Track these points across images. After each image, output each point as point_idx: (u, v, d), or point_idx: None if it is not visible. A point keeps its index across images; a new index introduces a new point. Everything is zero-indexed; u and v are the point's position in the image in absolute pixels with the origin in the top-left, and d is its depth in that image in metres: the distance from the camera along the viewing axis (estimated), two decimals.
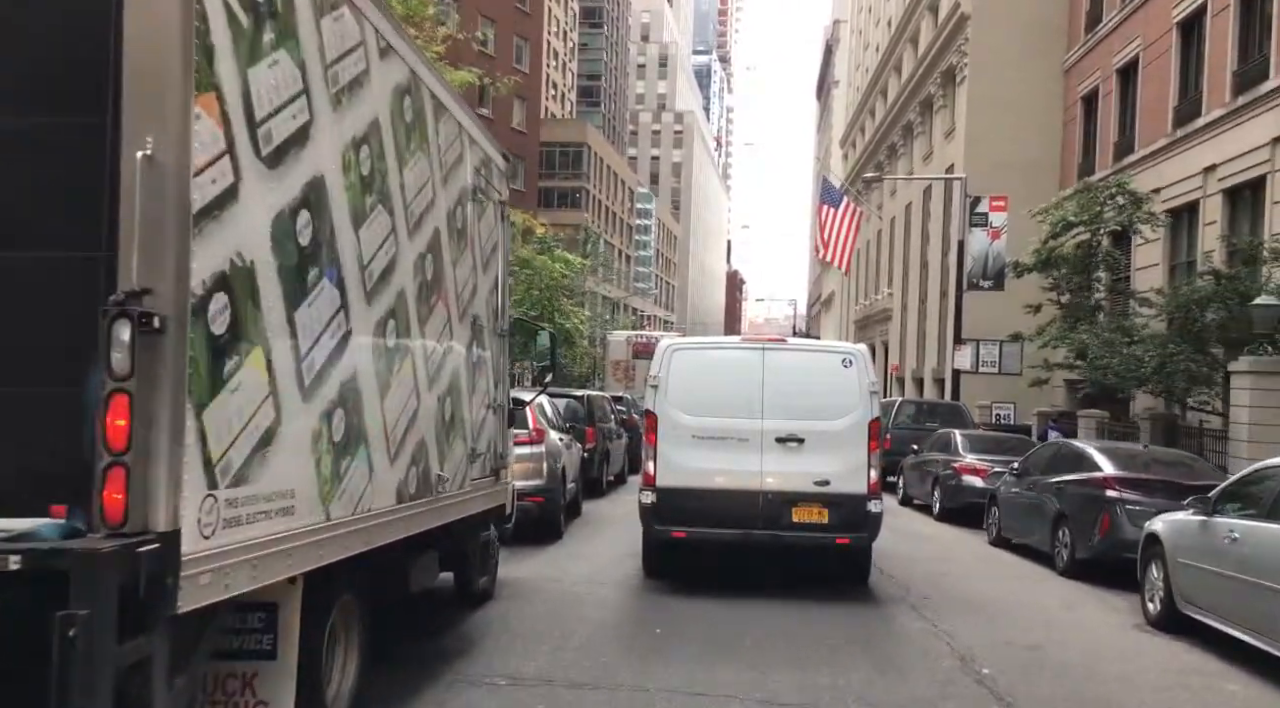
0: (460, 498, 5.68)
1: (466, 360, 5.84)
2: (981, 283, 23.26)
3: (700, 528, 7.94)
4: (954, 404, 19.66)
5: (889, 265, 45.17)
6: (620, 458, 17.94)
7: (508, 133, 54.49)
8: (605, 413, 17.26)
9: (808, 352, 8.99)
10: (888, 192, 46.34)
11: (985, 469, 13.64)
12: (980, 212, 23.32)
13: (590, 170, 71.53)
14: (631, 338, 29.67)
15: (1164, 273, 22.10)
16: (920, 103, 37.76)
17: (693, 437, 8.00)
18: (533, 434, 10.38)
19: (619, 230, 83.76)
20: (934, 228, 35.48)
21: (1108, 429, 19.97)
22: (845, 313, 60.46)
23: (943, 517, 14.31)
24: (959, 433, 15.08)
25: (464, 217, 5.73)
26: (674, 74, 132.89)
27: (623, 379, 29.48)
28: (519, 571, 8.82)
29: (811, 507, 7.83)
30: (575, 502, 12.84)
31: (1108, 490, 9.21)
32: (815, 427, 7.93)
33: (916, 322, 38.01)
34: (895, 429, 18.79)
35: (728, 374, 8.25)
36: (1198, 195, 20.56)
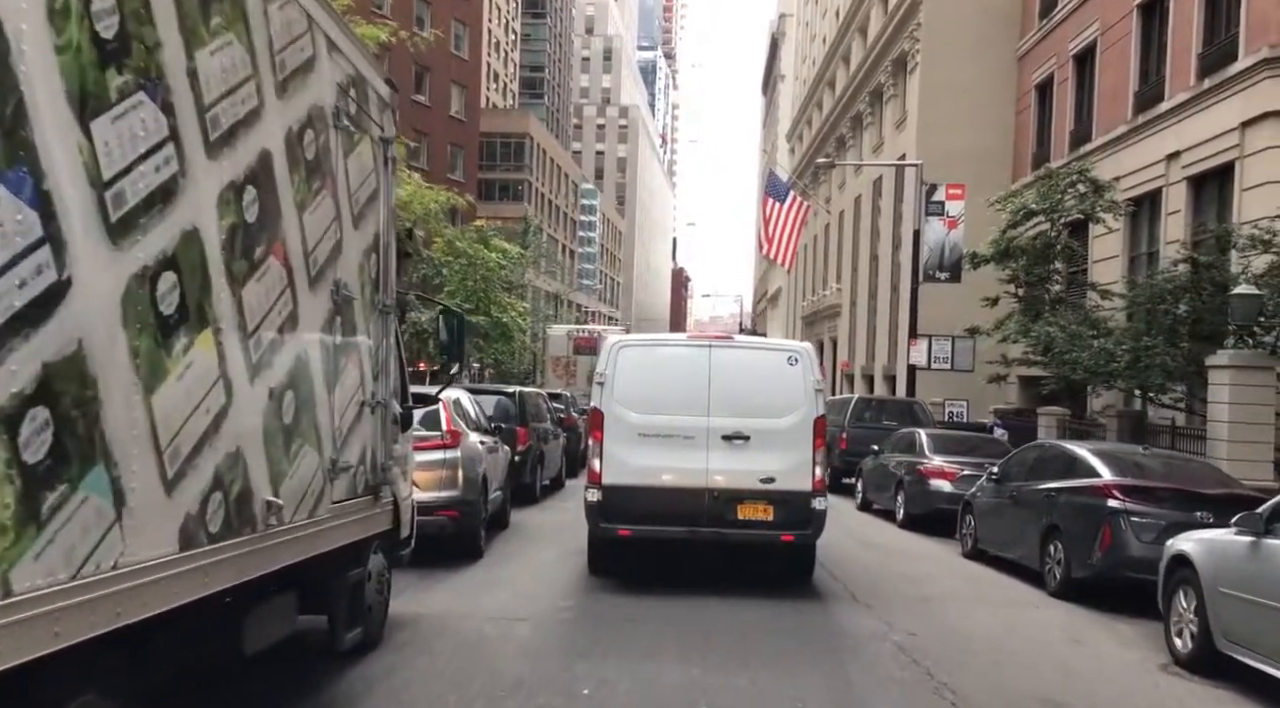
0: (311, 530, 4.14)
1: (324, 343, 4.30)
2: (938, 274, 22.27)
3: (646, 526, 7.87)
4: (913, 402, 18.56)
5: (837, 260, 44.34)
6: (557, 460, 16.43)
7: (446, 121, 52.45)
8: (540, 411, 15.73)
9: (754, 349, 8.95)
10: (836, 185, 45.54)
11: (954, 472, 12.46)
12: (937, 200, 22.33)
13: (533, 162, 69.68)
14: (573, 332, 28.16)
15: (1123, 265, 21.33)
16: (870, 93, 36.90)
17: (639, 434, 7.92)
18: (445, 437, 8.84)
19: (563, 225, 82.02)
20: (884, 221, 34.63)
21: (1068, 428, 19.08)
22: (792, 309, 59.68)
23: (907, 524, 13.11)
24: (924, 433, 13.88)
25: (320, 147, 4.20)
26: (619, 68, 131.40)
27: (563, 376, 27.97)
28: (423, 603, 7.28)
29: (757, 504, 7.82)
30: (502, 512, 11.32)
31: (1109, 500, 7.99)
32: (761, 424, 7.89)
33: (866, 318, 37.15)
34: (852, 428, 17.59)
35: (674, 372, 8.16)
36: (1160, 184, 19.78)
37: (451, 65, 53.46)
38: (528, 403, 14.49)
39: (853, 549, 11.21)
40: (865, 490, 15.24)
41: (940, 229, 22.28)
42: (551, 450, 15.81)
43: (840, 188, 44.37)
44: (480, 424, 10.77)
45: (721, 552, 8.52)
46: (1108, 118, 22.29)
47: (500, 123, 67.79)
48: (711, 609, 7.25)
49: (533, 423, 14.41)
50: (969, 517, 10.71)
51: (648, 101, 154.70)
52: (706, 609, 7.18)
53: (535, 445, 14.26)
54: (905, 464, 13.35)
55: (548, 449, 15.31)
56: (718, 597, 7.67)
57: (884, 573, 9.53)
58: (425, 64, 50.85)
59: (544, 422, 15.58)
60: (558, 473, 16.55)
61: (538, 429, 14.70)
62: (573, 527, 11.87)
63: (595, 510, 7.94)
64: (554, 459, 16.06)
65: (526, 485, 13.89)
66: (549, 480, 16.02)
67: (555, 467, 16.28)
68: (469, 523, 9.00)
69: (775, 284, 70.98)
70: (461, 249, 26.89)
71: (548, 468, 15.40)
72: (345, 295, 4.55)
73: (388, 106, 5.31)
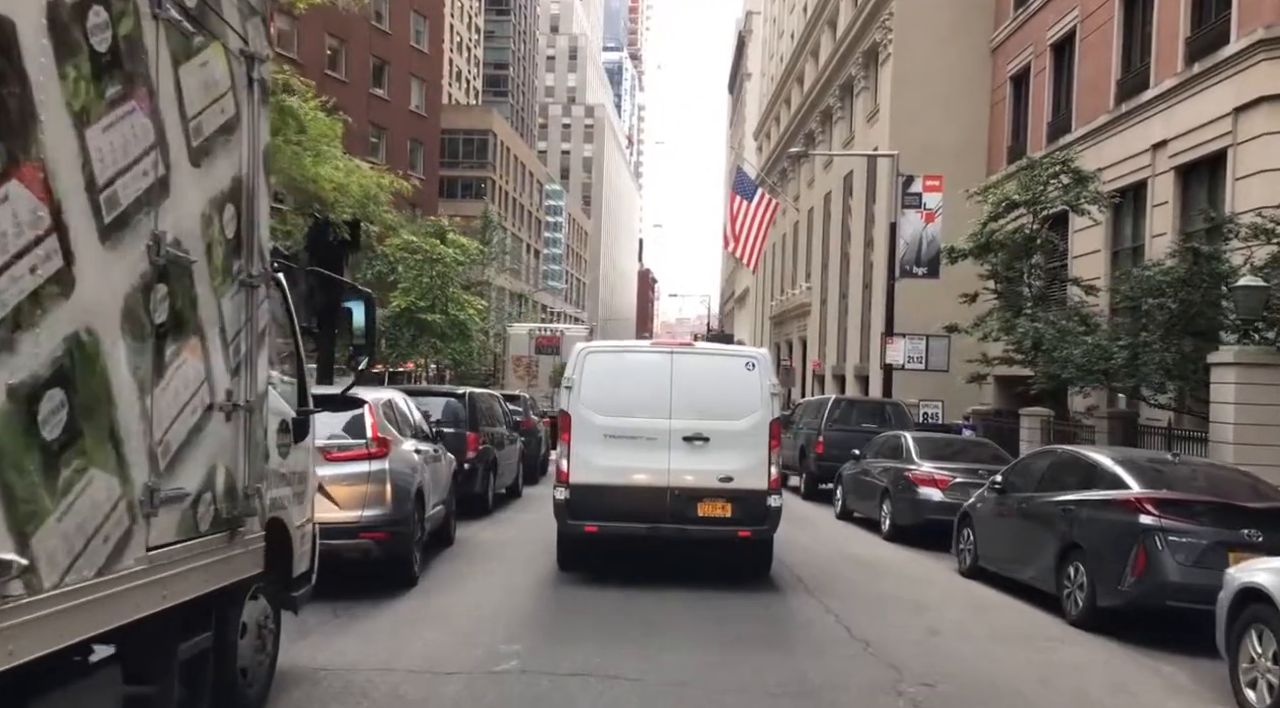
0: (102, 592, 2.84)
1: (132, 319, 3.01)
2: (915, 270, 21.28)
3: (612, 522, 8.20)
4: (894, 403, 17.49)
5: (806, 259, 43.43)
6: (513, 468, 15.12)
7: (405, 115, 50.84)
8: (494, 414, 14.42)
9: (713, 355, 9.23)
10: (805, 182, 44.65)
11: (945, 480, 11.37)
12: (913, 192, 21.35)
13: (496, 160, 68.12)
14: (534, 331, 26.82)
15: (1105, 260, 20.49)
16: (840, 86, 35.99)
17: (605, 436, 8.23)
18: (371, 446, 7.52)
19: (528, 224, 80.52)
20: (855, 218, 33.70)
21: (1054, 430, 18.14)
22: (760, 309, 58.76)
23: (894, 535, 12.00)
24: (910, 436, 12.77)
25: (120, 37, 2.90)
26: (584, 67, 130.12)
27: (524, 376, 26.64)
28: (332, 649, 5.97)
29: (716, 502, 8.14)
30: (445, 528, 10.03)
31: (1141, 515, 6.90)
32: (720, 426, 8.23)
33: (837, 317, 36.22)
34: (830, 431, 16.49)
35: (638, 376, 8.47)
36: (1145, 174, 18.93)
37: (411, 59, 51.85)
38: (479, 405, 13.18)
39: (839, 566, 10.09)
40: (846, 498, 14.13)
41: (917, 222, 21.29)
42: (507, 457, 14.52)
43: (809, 185, 43.48)
44: (420, 430, 9.45)
45: (696, 597, 7.80)
46: (1088, 108, 21.46)
47: (463, 119, 66.19)
48: (691, 670, 5.86)
49: (484, 427, 13.11)
50: (967, 530, 9.60)
51: (614, 102, 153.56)
52: (684, 671, 5.82)
53: (487, 452, 12.95)
54: (891, 471, 12.24)
55: (502, 455, 14.02)
56: (698, 655, 6.32)
57: (878, 598, 8.38)
58: (383, 57, 49.25)
59: (498, 426, 14.27)
60: (514, 481, 15.26)
61: (490, 434, 13.40)
62: (527, 543, 10.61)
63: (563, 508, 8.25)
64: (509, 466, 14.76)
65: (477, 496, 12.60)
66: (504, 489, 14.74)
67: (511, 474, 14.98)
68: (399, 546, 7.69)
69: (743, 284, 70.09)
70: (416, 244, 25.49)
71: (502, 476, 14.11)
72: (175, 257, 3.25)
73: (255, 13, 4.00)
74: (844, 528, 13.58)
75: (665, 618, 7.15)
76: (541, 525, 12.33)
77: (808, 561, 10.10)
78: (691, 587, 8.12)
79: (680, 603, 7.54)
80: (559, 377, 27.00)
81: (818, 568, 9.73)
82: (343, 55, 46.42)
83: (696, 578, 8.37)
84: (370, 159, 23.05)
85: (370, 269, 27.27)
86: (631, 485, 8.15)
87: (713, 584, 8.05)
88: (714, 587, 7.98)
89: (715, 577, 7.98)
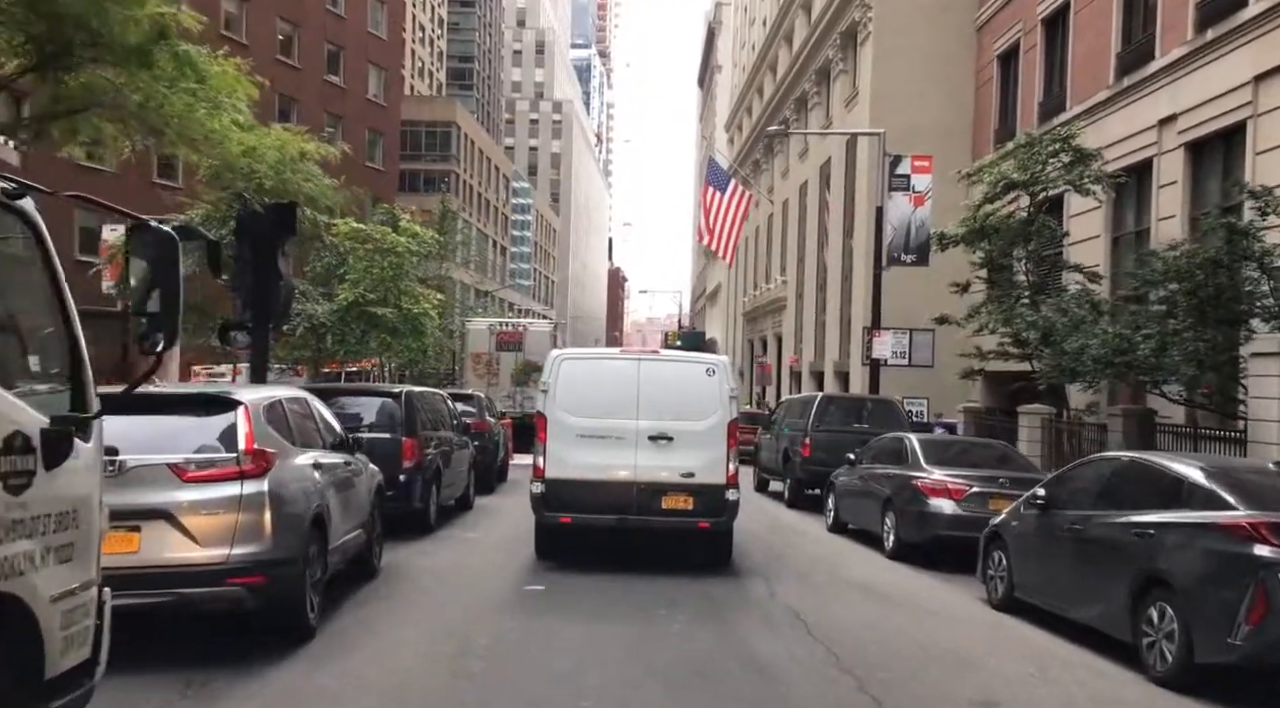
0: None
1: None
2: (904, 257, 19.76)
3: (583, 514, 8.82)
4: (886, 401, 15.84)
5: (782, 252, 41.95)
6: (463, 477, 13.29)
7: (362, 104, 48.64)
8: (439, 417, 12.59)
9: (677, 362, 9.73)
10: (779, 173, 43.17)
11: (960, 489, 9.74)
12: (901, 174, 19.82)
13: (460, 153, 66.00)
14: (494, 327, 24.93)
15: (1105, 246, 19.11)
16: (816, 71, 34.49)
17: (577, 435, 8.86)
18: (244, 462, 5.70)
19: (494, 220, 78.43)
20: (835, 207, 32.18)
21: (1056, 429, 16.66)
22: (733, 306, 57.23)
23: (899, 553, 10.35)
24: (915, 438, 11.08)
25: None
26: (551, 62, 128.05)
27: (485, 374, 24.79)
28: None
29: (679, 496, 8.74)
30: (363, 557, 8.21)
31: (1256, 546, 5.30)
32: (682, 427, 8.86)
33: (814, 312, 34.73)
34: (817, 432, 14.85)
35: (608, 381, 9.05)
36: (1151, 152, 17.55)
37: (368, 45, 49.63)
38: (419, 406, 11.35)
39: (842, 596, 8.41)
40: (839, 509, 12.46)
41: (905, 206, 19.76)
42: (455, 464, 12.72)
43: (784, 176, 41.99)
44: (329, 438, 7.62)
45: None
46: (1085, 85, 20.08)
47: (425, 111, 64.04)
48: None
49: (426, 431, 11.28)
50: (998, 554, 7.95)
51: (582, 99, 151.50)
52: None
53: (430, 461, 11.13)
54: (894, 478, 10.59)
55: (450, 464, 12.20)
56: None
57: (902, 645, 6.66)
58: (339, 43, 47.00)
59: (443, 429, 12.45)
60: (464, 492, 13.44)
61: (434, 439, 11.57)
62: (471, 571, 8.89)
63: (540, 501, 8.94)
64: (458, 475, 12.94)
65: (417, 512, 10.80)
66: (453, 501, 12.93)
67: (461, 484, 13.17)
68: (285, 591, 5.87)
69: (715, 280, 68.59)
70: (365, 232, 23.47)
71: (450, 486, 12.29)
72: None
73: None
74: (838, 544, 11.92)
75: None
76: (493, 545, 10.55)
77: (803, 590, 8.46)
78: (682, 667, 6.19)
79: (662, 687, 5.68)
80: (522, 375, 25.23)
81: (817, 600, 8.07)
82: (295, 40, 44.14)
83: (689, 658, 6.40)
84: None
85: (319, 261, 25.24)
86: (602, 480, 8.76)
87: (705, 658, 6.21)
88: (707, 662, 6.13)
89: (706, 655, 6.16)
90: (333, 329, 22.43)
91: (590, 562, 9.22)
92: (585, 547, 9.42)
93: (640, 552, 9.50)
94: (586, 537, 9.19)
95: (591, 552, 9.40)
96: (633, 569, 8.99)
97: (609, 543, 9.48)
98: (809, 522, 13.92)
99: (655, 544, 9.49)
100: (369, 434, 10.12)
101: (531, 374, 24.90)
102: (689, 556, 9.28)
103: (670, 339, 61.22)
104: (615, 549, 9.52)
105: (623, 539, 9.27)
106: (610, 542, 9.44)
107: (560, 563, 9.27)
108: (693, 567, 9.12)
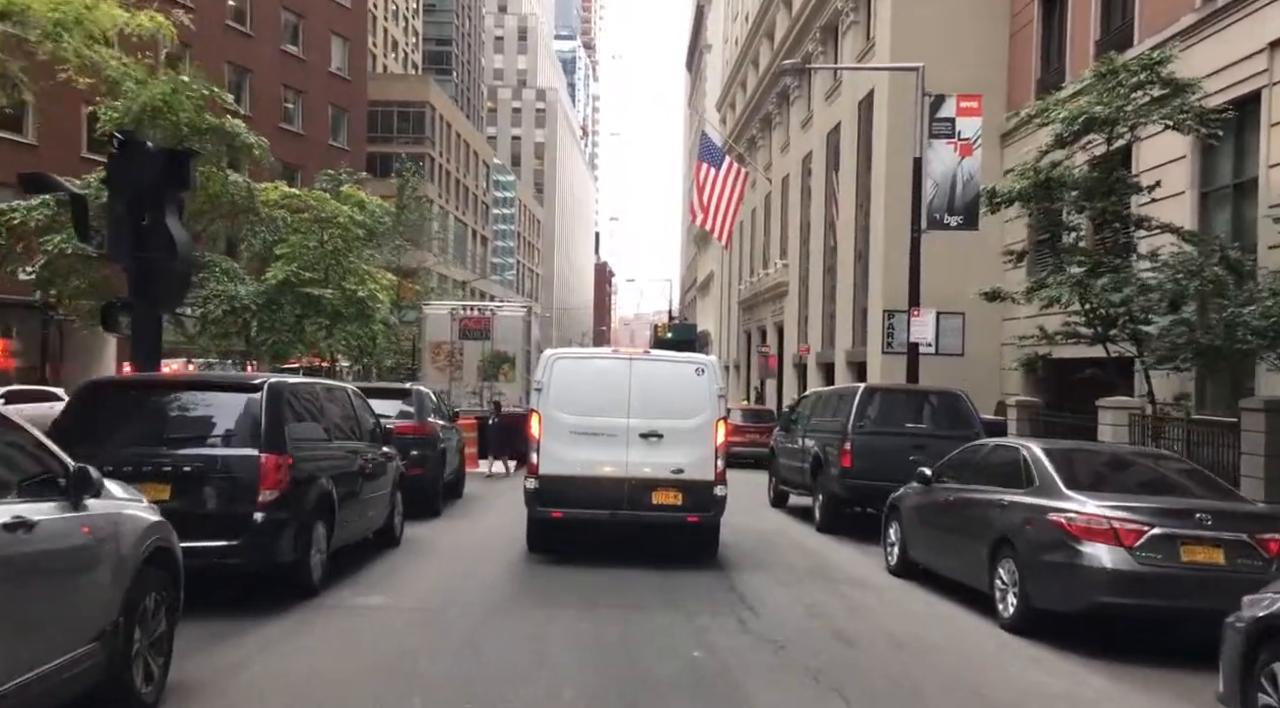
0: None
1: None
2: (947, 219, 16.26)
3: (575, 509, 9.00)
4: (953, 394, 11.98)
5: (782, 234, 38.43)
6: (383, 504, 9.60)
7: (324, 78, 44.80)
8: (339, 422, 8.89)
9: (667, 362, 9.79)
10: (777, 149, 39.63)
11: (1134, 530, 6.17)
12: (944, 117, 16.32)
13: (435, 135, 62.17)
14: (457, 311, 21.23)
15: (1191, 202, 15.69)
16: (821, 28, 30.95)
17: (570, 433, 9.05)
18: None
19: (473, 208, 74.66)
20: (846, 176, 28.66)
21: (1151, 426, 13.13)
22: (727, 295, 53.68)
23: (1027, 625, 6.74)
24: (1038, 448, 7.27)
25: None
26: (534, 49, 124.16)
27: (446, 368, 21.14)
28: None
29: (668, 491, 8.96)
30: (113, 669, 4.48)
31: None
32: (672, 424, 9.06)
33: (821, 297, 31.25)
34: (862, 435, 11.30)
35: (601, 380, 9.23)
36: (1257, 84, 14.13)
37: (331, 13, 45.74)
38: (297, 407, 7.66)
39: None
40: (910, 544, 8.79)
41: (949, 157, 16.25)
42: (371, 490, 9.06)
43: (783, 150, 38.46)
44: (36, 479, 3.97)
45: None
46: (1161, 10, 16.65)
47: (397, 89, 60.18)
48: None
49: (309, 442, 7.63)
50: (1262, 652, 4.38)
51: (567, 90, 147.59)
52: None
53: (311, 488, 7.46)
54: (1012, 509, 6.97)
55: (354, 490, 8.52)
56: None
57: None
58: (298, 10, 43.10)
59: (349, 438, 8.78)
60: (385, 524, 9.77)
61: (321, 457, 7.88)
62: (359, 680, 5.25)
63: (533, 496, 9.09)
64: (374, 503, 9.27)
65: (288, 568, 7.14)
66: (369, 535, 9.30)
67: (378, 519, 9.50)
68: None
69: (707, 269, 65.02)
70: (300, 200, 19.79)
71: (351, 524, 8.53)
72: None
73: None
74: (914, 598, 8.27)
75: None
76: (407, 621, 6.88)
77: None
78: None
79: None
80: (490, 367, 21.48)
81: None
82: (249, 5, 40.20)
83: None
84: (284, 127, 17.35)
85: (255, 237, 21.54)
86: (594, 476, 8.92)
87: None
88: None
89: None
90: (259, 313, 18.74)
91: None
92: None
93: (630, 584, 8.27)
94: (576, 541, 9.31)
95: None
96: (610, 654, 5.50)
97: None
98: (856, 556, 10.39)
99: (645, 549, 9.37)
100: (200, 451, 6.55)
101: (502, 366, 21.22)
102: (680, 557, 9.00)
103: (660, 333, 57.71)
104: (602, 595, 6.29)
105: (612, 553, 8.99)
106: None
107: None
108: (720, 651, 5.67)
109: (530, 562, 9.32)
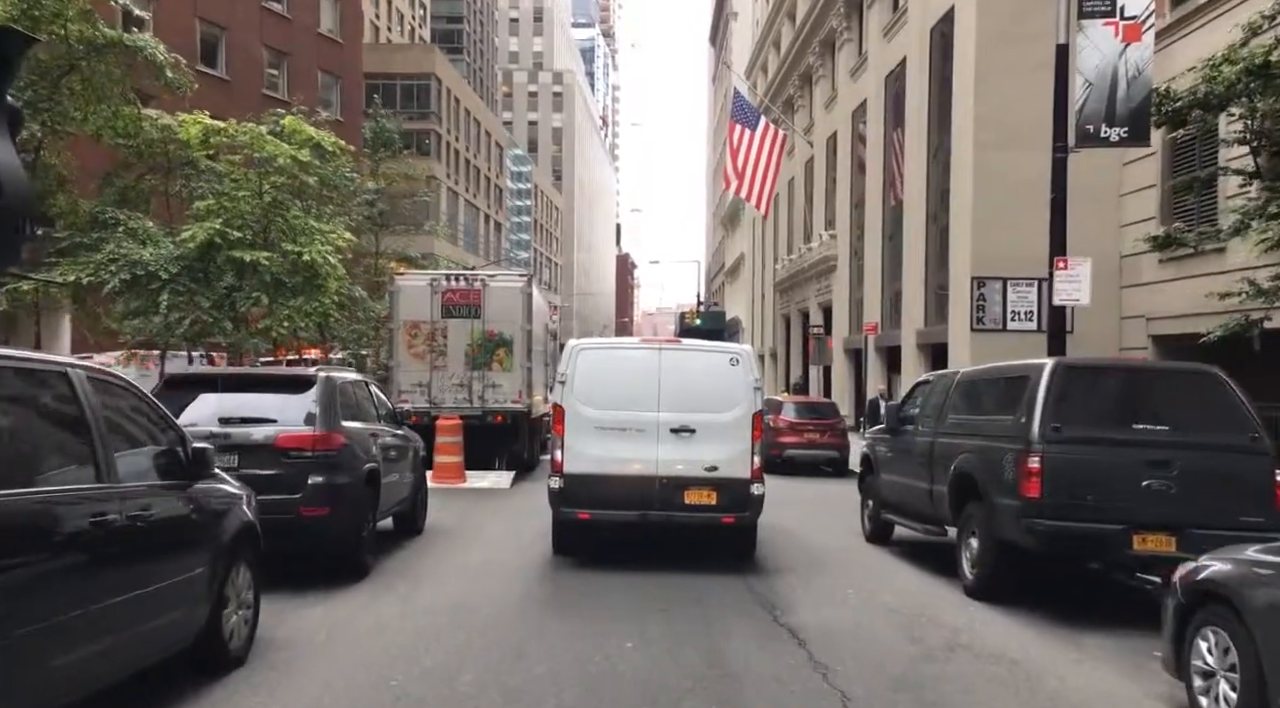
0: None
1: None
2: (1109, 133, 11.58)
3: (603, 510, 8.59)
4: (1208, 374, 6.96)
5: (827, 202, 33.66)
6: (187, 599, 4.96)
7: (313, 39, 40.48)
8: (128, 433, 4.26)
9: (700, 352, 9.36)
10: (821, 106, 34.85)
11: None
12: None
13: (442, 110, 57.77)
14: (438, 282, 16.64)
15: None
16: None
17: (596, 428, 8.64)
18: None
19: (485, 191, 70.30)
20: (914, 123, 23.86)
21: None
22: (760, 277, 48.89)
23: None
24: None
25: None
26: (551, 31, 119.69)
27: (425, 354, 16.64)
28: None
29: (702, 490, 8.51)
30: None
31: None
32: (705, 419, 8.60)
33: (879, 270, 26.54)
34: (1058, 443, 6.55)
35: (628, 372, 8.87)
36: None
37: None
38: None
39: None
40: (1262, 670, 4.12)
41: (1108, 44, 11.55)
42: None
43: (829, 107, 33.68)
44: None
45: None
46: None
47: (398, 60, 55.86)
48: None
49: None
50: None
51: (586, 77, 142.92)
52: None
53: None
54: None
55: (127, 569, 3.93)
56: None
57: None
58: None
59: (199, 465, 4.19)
60: (205, 626, 5.11)
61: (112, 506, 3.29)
62: None
63: (557, 496, 8.63)
64: (168, 600, 4.63)
65: None
66: (167, 648, 4.70)
67: (188, 613, 4.86)
68: None
69: (736, 252, 60.25)
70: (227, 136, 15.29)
71: (132, 627, 3.93)
72: None
73: None
74: None
75: None
76: None
77: None
78: None
79: None
80: (481, 353, 16.61)
81: None
82: None
83: None
84: (269, 93, 13.24)
85: (186, 188, 17.13)
86: (622, 475, 8.55)
87: None
88: None
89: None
90: (170, 284, 14.24)
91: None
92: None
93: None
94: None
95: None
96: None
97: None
98: (1061, 652, 5.73)
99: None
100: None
101: (495, 352, 16.62)
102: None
103: (689, 319, 52.99)
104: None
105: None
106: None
107: None
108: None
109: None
